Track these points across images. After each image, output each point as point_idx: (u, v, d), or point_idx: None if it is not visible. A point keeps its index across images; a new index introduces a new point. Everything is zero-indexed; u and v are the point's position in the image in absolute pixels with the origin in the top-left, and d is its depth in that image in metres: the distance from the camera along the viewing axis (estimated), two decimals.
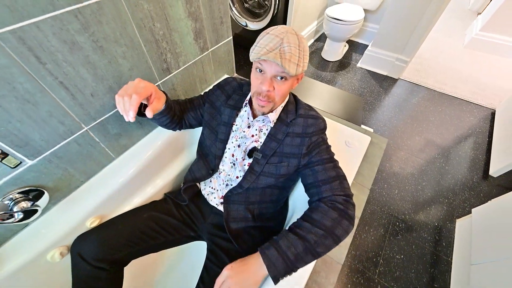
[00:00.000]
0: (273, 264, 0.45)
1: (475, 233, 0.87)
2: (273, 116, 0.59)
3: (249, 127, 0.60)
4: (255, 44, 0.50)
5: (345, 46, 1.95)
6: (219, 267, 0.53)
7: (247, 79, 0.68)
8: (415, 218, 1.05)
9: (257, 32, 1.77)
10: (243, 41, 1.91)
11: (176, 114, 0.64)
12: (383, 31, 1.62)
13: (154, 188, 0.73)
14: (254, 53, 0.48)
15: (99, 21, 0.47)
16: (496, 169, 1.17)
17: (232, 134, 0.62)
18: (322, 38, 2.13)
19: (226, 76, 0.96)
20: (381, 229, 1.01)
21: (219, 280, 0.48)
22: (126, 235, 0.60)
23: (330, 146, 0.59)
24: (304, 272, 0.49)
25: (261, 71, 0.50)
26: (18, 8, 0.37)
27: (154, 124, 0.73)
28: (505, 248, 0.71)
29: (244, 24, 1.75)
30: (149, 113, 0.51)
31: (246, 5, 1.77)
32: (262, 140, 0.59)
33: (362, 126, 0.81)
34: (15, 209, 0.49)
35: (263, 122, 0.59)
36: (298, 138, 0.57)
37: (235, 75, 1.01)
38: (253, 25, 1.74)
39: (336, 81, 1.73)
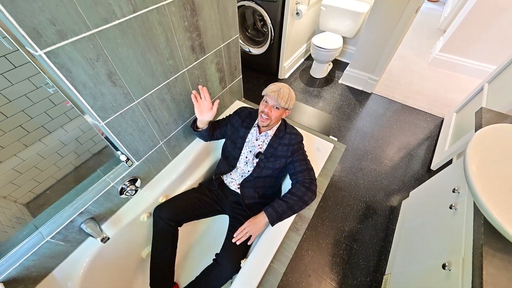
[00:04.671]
0: (270, 215, 0.85)
1: (408, 208, 1.28)
2: (271, 133, 0.98)
3: (256, 139, 0.99)
4: (267, 87, 0.89)
5: (329, 65, 2.35)
6: (240, 224, 0.92)
7: (254, 108, 1.08)
8: (373, 201, 1.46)
9: (258, 56, 2.17)
10: (247, 63, 2.31)
11: (211, 130, 1.04)
12: (357, 56, 2.03)
13: (194, 179, 1.13)
14: (265, 91, 0.89)
15: (174, 85, 0.86)
16: (435, 164, 1.58)
17: (245, 144, 1.01)
18: (311, 57, 2.54)
19: (237, 100, 1.36)
20: (348, 208, 1.42)
21: (242, 227, 0.87)
22: (182, 206, 0.99)
23: (305, 151, 0.99)
24: (289, 221, 0.89)
25: (266, 101, 0.90)
26: (145, 87, 0.76)
27: (193, 138, 1.12)
28: (420, 214, 1.12)
29: (248, 50, 2.15)
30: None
31: (247, 34, 2.17)
32: (264, 147, 0.98)
33: (330, 136, 1.20)
34: (128, 189, 0.88)
35: (265, 136, 0.99)
36: (286, 147, 0.97)
37: (243, 98, 1.40)
38: (254, 51, 2.14)
39: (321, 95, 2.14)
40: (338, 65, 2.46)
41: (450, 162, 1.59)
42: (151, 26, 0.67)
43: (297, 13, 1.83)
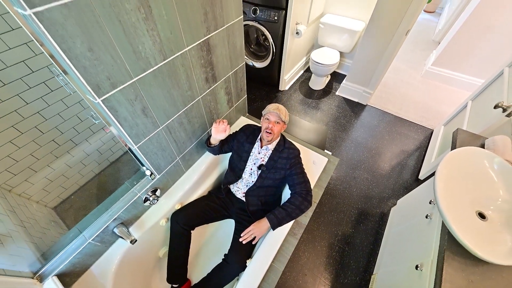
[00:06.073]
0: (272, 221, 1.00)
1: (395, 214, 1.43)
2: (271, 147, 1.13)
3: (259, 153, 1.14)
4: (266, 107, 1.07)
5: (327, 77, 2.50)
6: (244, 228, 1.07)
7: (257, 125, 1.23)
8: (365, 207, 1.60)
9: (261, 69, 2.32)
10: (250, 75, 2.46)
11: (221, 146, 1.19)
12: (353, 71, 2.17)
13: (204, 187, 1.28)
14: (266, 110, 1.06)
15: (191, 110, 1.01)
16: (423, 173, 1.72)
17: (250, 157, 1.16)
18: (310, 69, 2.68)
19: (242, 116, 1.51)
20: (342, 214, 1.57)
21: (247, 229, 1.02)
22: (195, 212, 1.14)
23: (302, 164, 1.13)
24: (288, 226, 1.04)
25: (268, 119, 1.05)
26: (168, 115, 0.91)
27: (204, 151, 1.27)
28: (404, 221, 1.26)
29: (251, 65, 2.30)
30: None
31: (251, 49, 2.32)
32: (266, 160, 1.13)
33: (325, 151, 1.35)
34: (150, 198, 1.03)
35: (266, 150, 1.14)
36: (285, 160, 1.11)
37: (247, 114, 1.55)
38: (258, 64, 2.29)
39: (319, 107, 2.28)
40: (336, 77, 2.60)
41: None
42: (176, 68, 0.83)
43: (297, 33, 1.98)
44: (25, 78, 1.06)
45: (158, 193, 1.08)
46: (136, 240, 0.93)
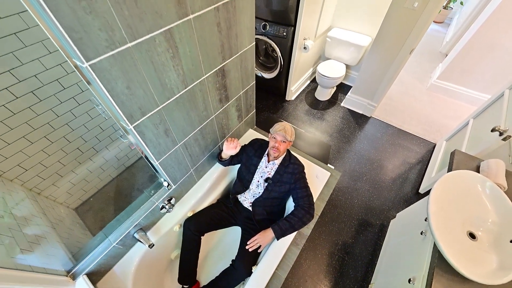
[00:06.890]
0: (276, 231, 1.09)
1: (394, 227, 1.49)
2: (278, 162, 1.22)
3: (266, 167, 1.23)
4: (273, 127, 1.15)
5: (333, 88, 2.57)
6: (250, 236, 1.16)
7: (265, 139, 1.32)
8: (365, 219, 1.67)
9: (269, 80, 2.41)
10: (258, 85, 2.55)
11: (231, 160, 1.28)
12: (358, 84, 2.24)
13: (214, 196, 1.38)
14: (273, 130, 1.14)
15: (205, 128, 1.11)
16: (423, 187, 1.77)
17: (257, 170, 1.25)
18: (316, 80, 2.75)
19: (250, 129, 1.60)
20: (342, 224, 1.64)
21: (254, 238, 1.11)
22: (205, 220, 1.24)
23: (306, 178, 1.21)
24: (291, 237, 1.12)
25: (275, 138, 1.14)
26: (185, 133, 1.01)
27: (214, 162, 1.37)
28: (401, 235, 1.33)
29: (260, 75, 2.40)
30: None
31: (260, 60, 2.42)
32: (272, 174, 1.22)
33: (328, 165, 1.43)
34: (166, 206, 1.13)
35: (273, 165, 1.23)
36: (290, 175, 1.20)
37: (255, 127, 1.64)
38: (266, 75, 2.38)
39: (324, 117, 2.35)
40: (342, 88, 2.67)
41: None
42: (195, 94, 0.92)
43: (304, 47, 2.06)
44: (58, 94, 1.18)
45: (173, 201, 1.18)
46: (153, 245, 1.03)
